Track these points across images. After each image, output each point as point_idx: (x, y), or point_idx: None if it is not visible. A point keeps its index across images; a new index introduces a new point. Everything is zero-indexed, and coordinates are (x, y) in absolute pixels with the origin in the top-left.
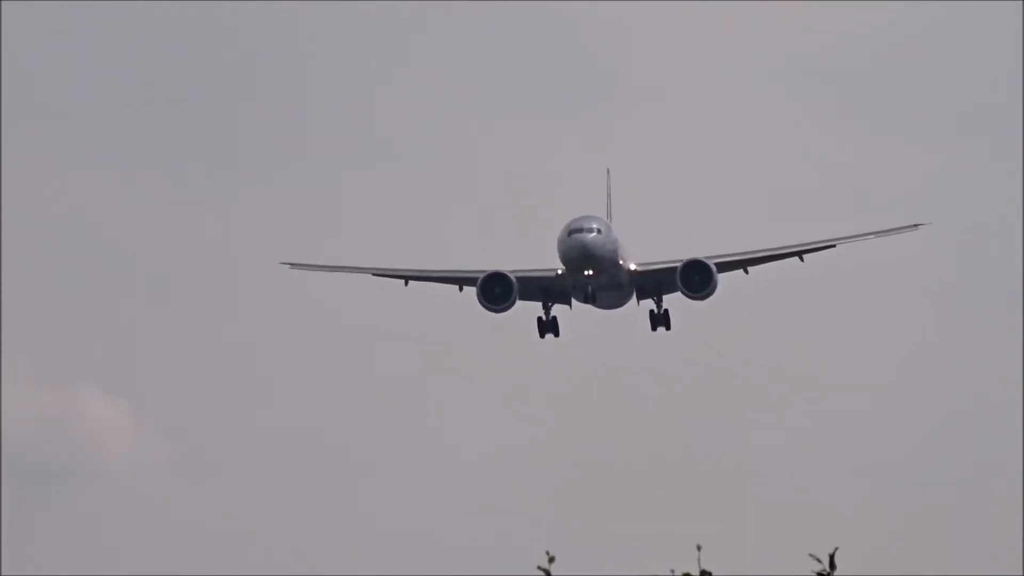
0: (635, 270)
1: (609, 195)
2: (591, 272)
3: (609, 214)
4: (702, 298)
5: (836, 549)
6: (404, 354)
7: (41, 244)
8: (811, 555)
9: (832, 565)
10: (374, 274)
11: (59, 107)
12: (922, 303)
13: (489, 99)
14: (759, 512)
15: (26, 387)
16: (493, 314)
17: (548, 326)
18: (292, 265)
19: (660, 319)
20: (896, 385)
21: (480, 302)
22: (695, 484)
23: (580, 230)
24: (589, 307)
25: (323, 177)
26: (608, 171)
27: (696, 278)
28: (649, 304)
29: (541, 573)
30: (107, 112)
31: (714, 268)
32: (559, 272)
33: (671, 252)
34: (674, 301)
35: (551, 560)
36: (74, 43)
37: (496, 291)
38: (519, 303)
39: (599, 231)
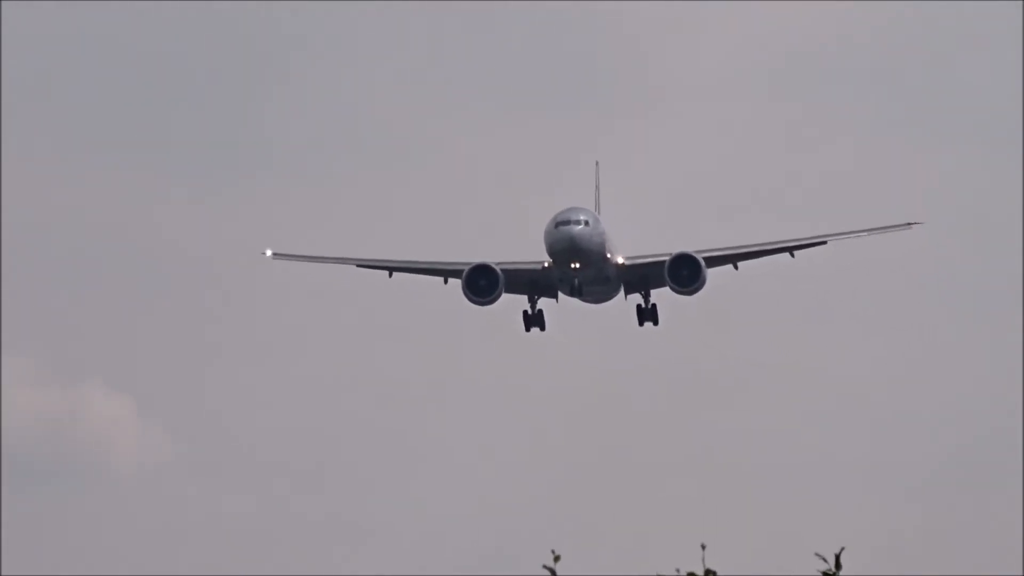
0: (623, 263)
1: (598, 188)
2: (578, 265)
3: (597, 207)
4: (690, 293)
5: (843, 549)
6: (387, 347)
7: (36, 241)
8: (817, 554)
9: (838, 565)
10: (358, 265)
11: (59, 107)
12: (914, 301)
13: (482, 95)
14: (747, 509)
15: (23, 384)
16: (478, 307)
17: (534, 320)
18: (275, 255)
19: (647, 314)
20: (887, 383)
21: (465, 294)
22: (684, 481)
23: (567, 222)
24: (576, 301)
25: (315, 171)
26: (597, 163)
27: (685, 272)
28: (637, 298)
29: (547, 573)
30: (104, 111)
31: (703, 263)
32: (546, 265)
33: (661, 246)
34: (662, 296)
35: (556, 559)
36: (74, 43)
37: (481, 283)
38: (505, 296)
39: (587, 223)
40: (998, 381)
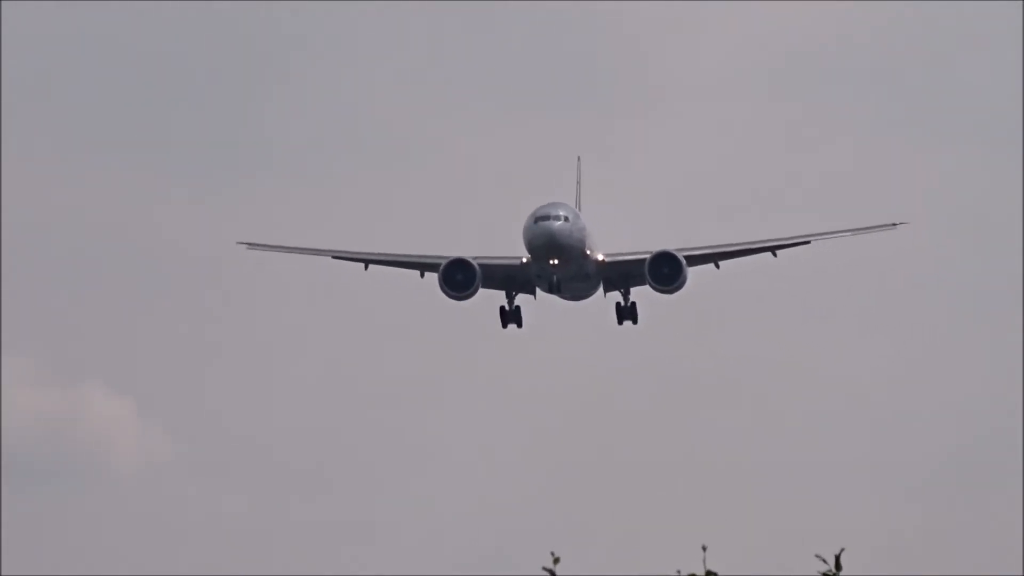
0: (603, 260)
1: (579, 183)
2: (557, 261)
3: (578, 202)
4: (671, 292)
5: (842, 550)
6: (361, 342)
7: (36, 241)
8: (817, 555)
9: (838, 566)
10: (334, 257)
11: (59, 107)
12: (907, 302)
13: (482, 95)
14: (731, 508)
15: (21, 384)
16: (455, 301)
17: (511, 316)
18: (249, 245)
19: (627, 312)
20: (872, 383)
21: (441, 288)
22: (667, 482)
23: (547, 217)
24: (554, 297)
25: (314, 171)
26: (579, 159)
27: (665, 271)
28: (616, 296)
29: (546, 574)
30: (104, 111)
31: (684, 261)
32: (524, 260)
33: (652, 244)
34: (642, 294)
35: (556, 561)
36: (74, 43)
37: (458, 278)
38: (482, 291)
39: (566, 219)
40: (987, 381)
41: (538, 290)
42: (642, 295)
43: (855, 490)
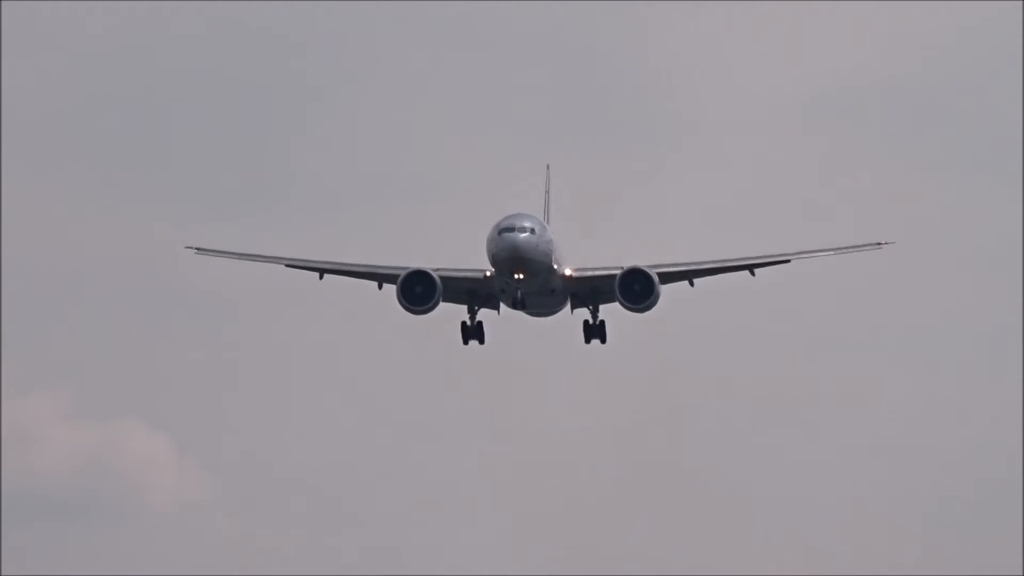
0: (570, 275)
1: (548, 193)
2: (521, 275)
3: (546, 214)
4: (642, 310)
5: None
6: (311, 358)
7: (34, 249)
8: None
9: None
10: (287, 265)
11: (58, 111)
12: (880, 322)
13: (481, 95)
14: (691, 530)
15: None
16: (414, 316)
17: (473, 332)
18: (198, 250)
19: (595, 330)
20: (845, 403)
21: (400, 302)
22: (631, 504)
23: (511, 229)
24: (519, 313)
25: (315, 176)
26: (548, 167)
27: (637, 288)
28: (584, 313)
29: None
30: (105, 116)
31: (656, 278)
32: (487, 274)
33: (620, 259)
34: (612, 312)
35: None
36: (73, 45)
37: (418, 290)
38: (443, 305)
39: (532, 231)
40: (958, 405)
41: (502, 305)
42: (612, 313)
43: (831, 513)
